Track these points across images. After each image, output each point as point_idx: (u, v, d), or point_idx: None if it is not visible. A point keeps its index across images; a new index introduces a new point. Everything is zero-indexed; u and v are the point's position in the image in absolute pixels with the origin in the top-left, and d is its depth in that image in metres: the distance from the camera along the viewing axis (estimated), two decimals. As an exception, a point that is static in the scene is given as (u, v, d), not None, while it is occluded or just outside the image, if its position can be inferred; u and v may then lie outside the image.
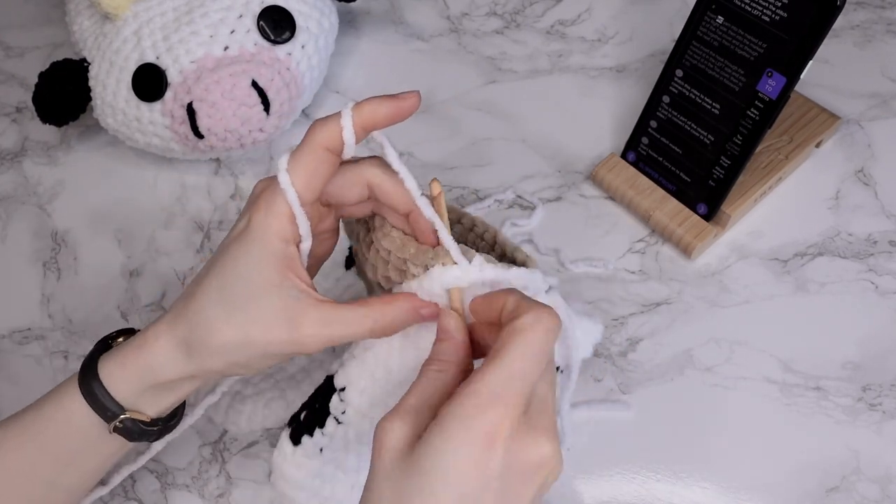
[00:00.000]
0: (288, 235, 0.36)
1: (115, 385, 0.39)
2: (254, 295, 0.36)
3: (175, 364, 0.38)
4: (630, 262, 0.57)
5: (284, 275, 0.36)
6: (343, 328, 0.36)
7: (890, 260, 0.56)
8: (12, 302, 0.60)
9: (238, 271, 0.36)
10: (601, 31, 0.70)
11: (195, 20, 0.59)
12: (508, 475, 0.30)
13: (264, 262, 0.36)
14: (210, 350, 0.37)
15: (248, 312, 0.36)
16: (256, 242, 0.36)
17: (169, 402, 0.40)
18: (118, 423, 0.39)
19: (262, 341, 0.36)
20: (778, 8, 0.48)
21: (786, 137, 0.59)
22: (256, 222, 0.36)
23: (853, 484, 0.48)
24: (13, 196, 0.66)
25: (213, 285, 0.37)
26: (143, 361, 0.38)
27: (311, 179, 0.36)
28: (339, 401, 0.38)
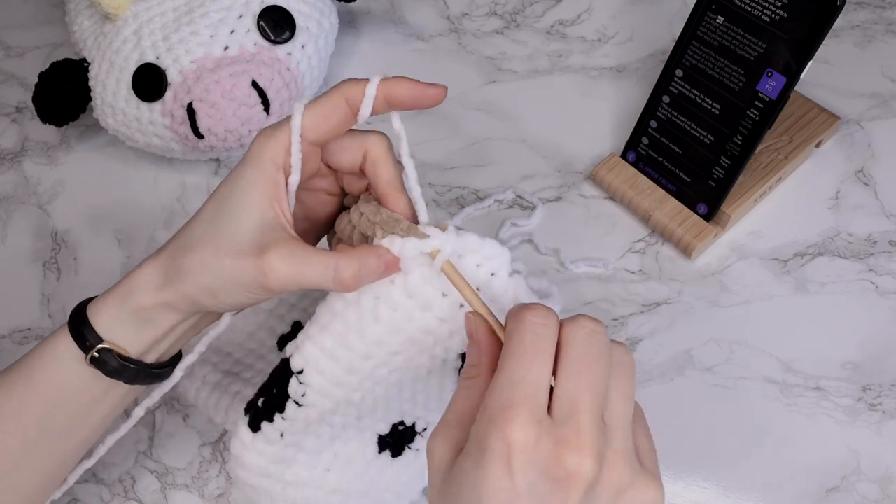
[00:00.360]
0: (280, 162, 0.36)
1: (96, 316, 0.39)
2: (235, 213, 0.36)
3: (152, 288, 0.38)
4: (630, 262, 0.57)
5: (268, 200, 0.36)
6: (307, 267, 0.35)
7: (890, 260, 0.56)
8: (12, 302, 0.60)
9: (230, 193, 0.37)
10: (601, 31, 0.70)
11: (195, 20, 0.59)
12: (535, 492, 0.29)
13: (252, 183, 0.36)
14: (184, 269, 0.37)
15: (225, 229, 0.36)
16: (250, 164, 0.37)
17: (148, 337, 0.39)
18: (95, 352, 0.38)
19: (229, 261, 0.36)
20: (778, 8, 0.48)
21: (786, 137, 0.59)
22: (255, 146, 0.37)
23: (853, 484, 0.48)
24: (13, 196, 0.66)
25: (204, 210, 0.38)
26: (124, 288, 0.38)
27: (319, 121, 0.36)
28: (299, 383, 0.38)
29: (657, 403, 0.51)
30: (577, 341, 0.31)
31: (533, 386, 0.30)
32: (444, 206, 0.61)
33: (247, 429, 0.39)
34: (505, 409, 0.29)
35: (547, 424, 0.29)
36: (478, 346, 0.33)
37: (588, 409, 0.30)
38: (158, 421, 0.53)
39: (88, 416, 0.41)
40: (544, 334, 0.31)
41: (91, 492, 0.51)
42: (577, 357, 0.30)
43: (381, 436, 0.44)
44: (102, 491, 0.51)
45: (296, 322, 0.53)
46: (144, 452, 0.52)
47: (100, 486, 0.51)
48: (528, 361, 0.30)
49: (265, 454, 0.40)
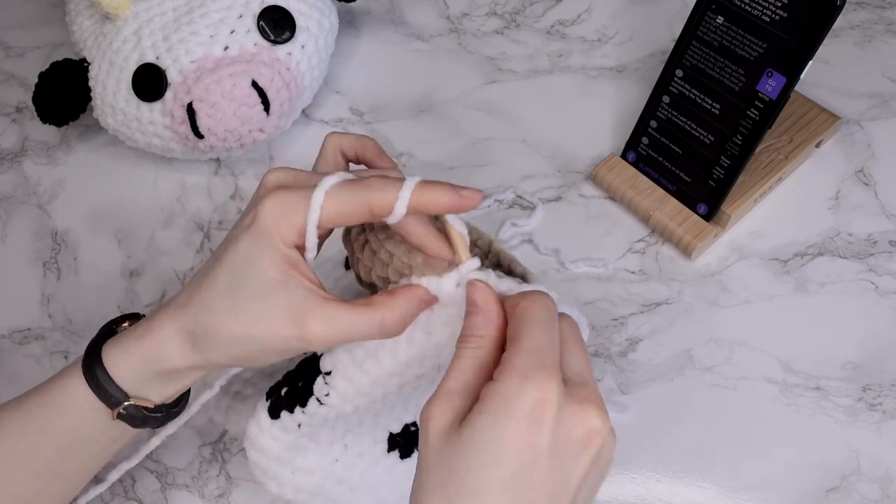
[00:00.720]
0: (292, 242, 0.36)
1: (118, 371, 0.39)
2: (261, 291, 0.35)
3: (181, 354, 0.38)
4: (630, 262, 0.57)
5: (290, 273, 0.35)
6: (350, 327, 0.35)
7: (890, 260, 0.56)
8: (12, 302, 0.60)
9: (246, 266, 0.36)
10: (601, 31, 0.70)
11: (195, 20, 0.59)
12: (557, 451, 0.30)
13: (272, 260, 0.35)
14: (215, 343, 0.37)
15: (254, 309, 0.35)
16: (264, 240, 0.36)
17: (174, 389, 0.40)
18: (122, 409, 0.39)
19: (267, 338, 0.35)
20: (778, 8, 0.48)
21: (786, 137, 0.59)
22: (266, 222, 0.35)
23: (853, 484, 0.48)
24: (13, 196, 0.66)
25: (220, 278, 0.36)
26: (149, 349, 0.38)
27: (335, 218, 0.35)
28: (324, 383, 0.38)
29: (657, 403, 0.52)
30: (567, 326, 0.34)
31: (555, 354, 0.32)
32: (444, 206, 0.61)
33: (266, 414, 0.40)
34: (536, 369, 0.30)
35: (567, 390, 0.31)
36: (486, 317, 0.34)
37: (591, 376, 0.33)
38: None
39: (103, 458, 0.42)
40: (554, 313, 0.33)
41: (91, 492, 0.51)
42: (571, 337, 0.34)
43: (392, 434, 0.44)
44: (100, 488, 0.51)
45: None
46: (140, 450, 0.52)
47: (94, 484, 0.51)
48: (551, 332, 0.32)
49: (280, 440, 0.40)
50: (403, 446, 0.44)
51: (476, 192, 0.35)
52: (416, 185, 0.34)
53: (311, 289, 0.36)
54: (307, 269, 0.36)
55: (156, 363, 0.38)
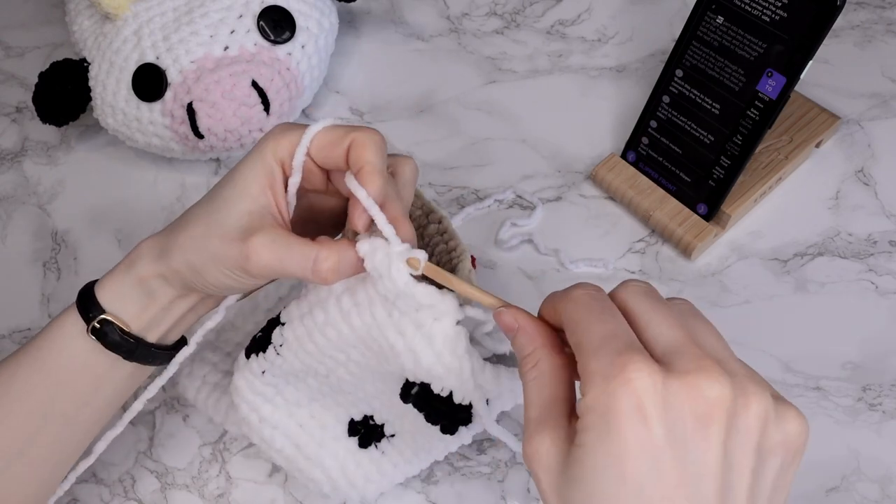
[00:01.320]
0: (280, 157, 0.37)
1: (101, 288, 0.40)
2: (229, 197, 0.37)
3: (149, 259, 0.39)
4: (630, 262, 0.57)
5: (261, 188, 0.37)
6: (288, 255, 0.36)
7: (890, 260, 0.56)
8: (12, 302, 0.60)
9: (229, 178, 0.38)
10: (601, 31, 0.70)
11: (195, 20, 0.59)
12: (676, 441, 0.27)
13: (250, 171, 0.37)
14: (175, 244, 0.38)
15: (217, 211, 0.37)
16: (252, 155, 0.38)
17: (149, 310, 0.40)
18: (96, 323, 0.39)
19: (215, 241, 0.37)
20: (778, 8, 0.48)
21: (786, 137, 0.59)
22: (262, 141, 0.38)
23: (853, 484, 0.48)
24: (13, 196, 0.66)
25: (207, 194, 0.39)
26: (128, 260, 0.40)
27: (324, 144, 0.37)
28: (280, 334, 0.40)
29: (657, 403, 0.52)
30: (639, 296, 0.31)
31: (626, 334, 0.29)
32: (445, 206, 0.61)
33: (243, 353, 0.43)
34: (614, 363, 0.27)
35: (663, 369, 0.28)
36: (526, 334, 0.32)
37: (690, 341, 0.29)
38: (158, 421, 0.53)
39: (91, 397, 0.42)
40: (600, 297, 0.31)
41: (91, 492, 0.51)
42: (650, 307, 0.30)
43: (353, 420, 0.45)
44: (102, 491, 0.51)
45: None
46: (144, 452, 0.52)
47: (100, 486, 0.51)
48: (608, 316, 0.30)
49: (248, 381, 0.43)
50: (363, 435, 0.45)
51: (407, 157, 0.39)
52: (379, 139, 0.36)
53: (273, 212, 0.37)
54: (281, 192, 0.38)
55: (130, 272, 0.39)
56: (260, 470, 0.51)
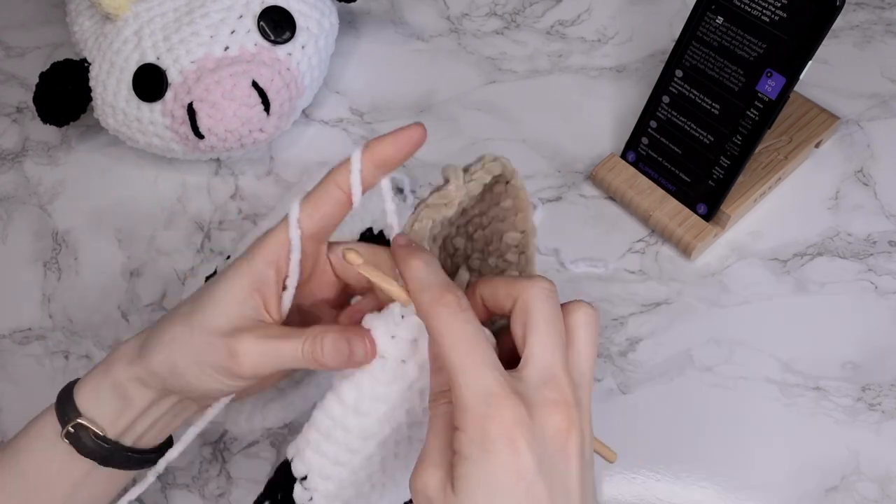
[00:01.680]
0: (271, 258, 0.36)
1: (79, 390, 0.38)
2: (216, 298, 0.36)
3: (126, 361, 0.37)
4: (630, 262, 0.57)
5: (250, 291, 0.36)
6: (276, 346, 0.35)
7: (889, 260, 0.56)
8: (13, 302, 0.60)
9: (216, 282, 0.37)
10: (601, 31, 0.70)
11: (195, 20, 0.59)
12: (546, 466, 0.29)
13: (238, 276, 0.36)
14: (156, 343, 0.36)
15: (201, 312, 0.36)
16: (243, 261, 0.36)
17: (125, 415, 0.38)
18: (70, 427, 0.38)
19: (199, 344, 0.35)
20: (778, 8, 0.48)
21: (785, 137, 0.59)
22: (252, 246, 0.37)
23: (853, 484, 0.48)
24: (14, 196, 0.66)
25: (191, 296, 0.37)
26: (106, 361, 0.38)
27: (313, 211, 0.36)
28: (304, 489, 0.37)
29: (657, 403, 0.52)
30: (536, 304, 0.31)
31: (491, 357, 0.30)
32: (444, 206, 0.61)
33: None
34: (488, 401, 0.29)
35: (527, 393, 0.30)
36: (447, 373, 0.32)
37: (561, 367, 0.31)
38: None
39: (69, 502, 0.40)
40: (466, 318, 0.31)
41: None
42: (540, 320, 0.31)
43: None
44: None
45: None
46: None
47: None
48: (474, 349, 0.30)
49: None
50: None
51: (416, 126, 0.36)
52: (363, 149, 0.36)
53: (261, 314, 0.36)
54: (272, 296, 0.37)
55: (107, 375, 0.38)
56: (260, 470, 0.51)
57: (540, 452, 0.29)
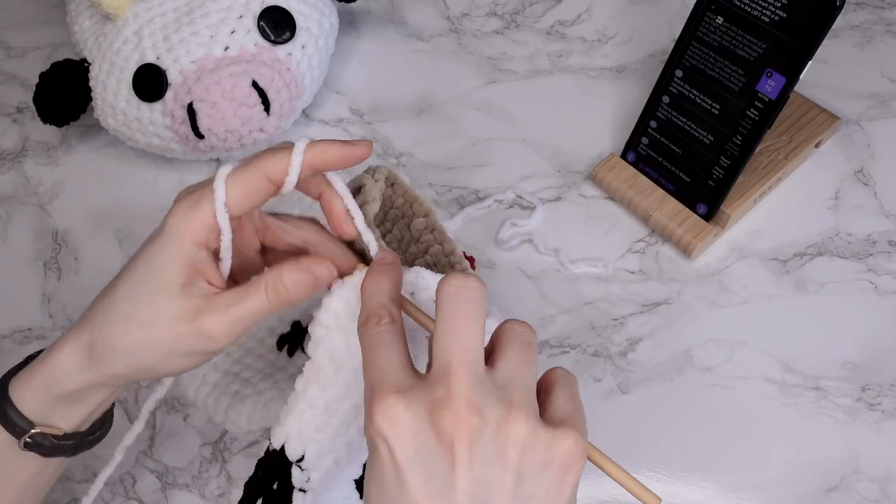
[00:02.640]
0: (199, 239, 0.36)
1: (22, 400, 0.38)
2: (159, 293, 0.35)
3: (77, 371, 0.37)
4: (630, 262, 0.57)
5: (193, 277, 0.36)
6: (242, 304, 0.35)
7: (889, 260, 0.56)
8: (13, 302, 0.60)
9: (149, 271, 0.36)
10: (601, 31, 0.70)
11: (195, 20, 0.59)
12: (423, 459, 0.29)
13: (174, 263, 0.36)
14: (114, 353, 0.36)
15: (151, 311, 0.35)
16: (169, 243, 0.36)
17: (81, 413, 0.38)
18: (28, 438, 0.37)
19: (166, 340, 0.35)
20: (777, 8, 0.48)
21: (785, 137, 0.59)
22: (172, 225, 0.36)
23: (853, 484, 0.48)
24: (14, 196, 0.66)
25: (120, 289, 0.37)
26: (47, 372, 0.37)
27: (241, 198, 0.36)
28: (301, 470, 0.37)
29: (657, 403, 0.52)
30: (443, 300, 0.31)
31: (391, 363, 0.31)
32: (445, 207, 0.61)
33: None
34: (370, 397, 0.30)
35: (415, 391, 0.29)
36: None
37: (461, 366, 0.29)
38: (158, 421, 0.53)
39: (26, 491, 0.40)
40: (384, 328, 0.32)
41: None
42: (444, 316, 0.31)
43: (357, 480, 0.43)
44: (103, 491, 0.51)
45: (295, 322, 0.53)
46: (145, 452, 0.52)
47: (100, 486, 0.51)
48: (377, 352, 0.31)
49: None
50: None
51: (365, 142, 0.36)
52: (307, 144, 0.35)
53: (210, 290, 0.36)
54: (212, 270, 0.36)
55: (55, 385, 0.37)
56: (260, 469, 0.51)
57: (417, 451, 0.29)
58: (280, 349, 0.53)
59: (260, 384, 0.52)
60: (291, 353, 0.52)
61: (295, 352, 0.52)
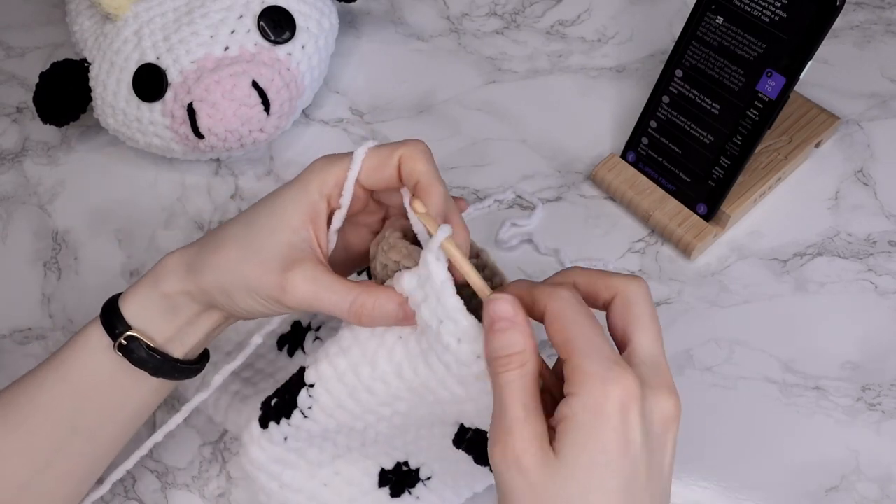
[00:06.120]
0: (326, 191, 0.37)
1: (126, 303, 0.40)
2: (269, 225, 0.37)
3: (176, 276, 0.39)
4: (630, 262, 0.57)
5: (304, 221, 0.37)
6: (326, 293, 0.36)
7: (889, 260, 0.56)
8: (13, 302, 0.60)
9: (268, 206, 0.38)
10: (601, 31, 0.70)
11: (195, 20, 0.59)
12: (649, 446, 0.30)
13: (294, 202, 0.37)
14: (207, 264, 0.37)
15: (255, 238, 0.37)
16: (297, 185, 0.37)
17: (173, 325, 0.40)
18: (123, 340, 0.39)
19: (253, 271, 0.36)
20: (777, 8, 0.48)
21: (785, 137, 0.59)
22: (305, 174, 0.38)
23: (853, 484, 0.48)
24: (14, 196, 0.66)
25: (245, 213, 0.38)
26: (153, 275, 0.40)
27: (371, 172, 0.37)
28: (308, 396, 0.38)
29: (657, 403, 0.52)
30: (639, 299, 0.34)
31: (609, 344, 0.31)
32: (444, 206, 0.61)
33: (257, 423, 0.41)
34: (612, 368, 0.30)
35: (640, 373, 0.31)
36: (522, 331, 0.32)
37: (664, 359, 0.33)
38: (159, 421, 0.53)
39: (117, 411, 0.42)
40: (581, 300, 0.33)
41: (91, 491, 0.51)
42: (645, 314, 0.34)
43: (384, 470, 0.44)
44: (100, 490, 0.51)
45: (295, 322, 0.53)
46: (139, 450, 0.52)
47: (97, 486, 0.51)
48: (595, 321, 0.32)
49: (267, 451, 0.41)
50: (395, 484, 0.44)
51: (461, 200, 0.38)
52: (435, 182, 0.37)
53: (314, 245, 0.37)
54: (323, 227, 0.38)
55: (156, 288, 0.39)
56: (260, 469, 0.51)
57: (646, 431, 0.30)
58: (280, 349, 0.53)
59: (260, 384, 0.52)
60: (291, 353, 0.52)
61: (295, 352, 0.52)
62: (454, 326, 0.33)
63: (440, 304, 0.33)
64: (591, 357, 0.30)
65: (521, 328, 0.32)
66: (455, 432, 0.41)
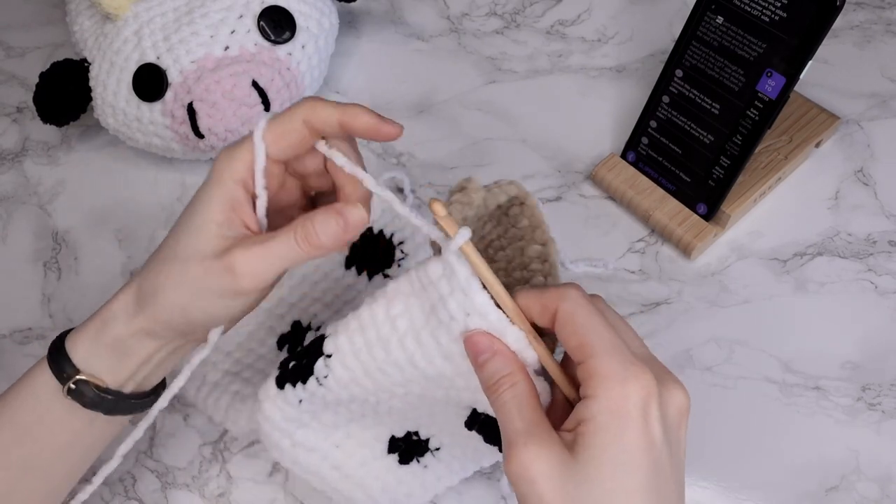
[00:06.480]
0: (239, 178, 0.36)
1: (74, 346, 0.39)
2: (197, 229, 0.36)
3: (125, 315, 0.38)
4: (630, 262, 0.57)
5: (227, 213, 0.36)
6: (270, 248, 0.35)
7: (889, 260, 0.56)
8: (13, 302, 0.60)
9: (191, 211, 0.37)
10: (601, 31, 0.70)
11: (195, 20, 0.59)
12: (668, 438, 0.31)
13: (211, 199, 0.36)
14: (154, 291, 0.37)
15: (187, 246, 0.36)
16: (210, 183, 0.37)
17: (127, 369, 0.39)
18: (72, 384, 0.38)
19: (196, 275, 0.36)
20: (778, 8, 0.48)
21: (785, 137, 0.59)
22: (215, 165, 0.37)
23: (853, 483, 0.48)
24: (14, 196, 0.66)
25: (171, 232, 0.38)
26: (100, 319, 0.38)
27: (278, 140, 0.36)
28: (324, 365, 0.39)
29: (657, 403, 0.52)
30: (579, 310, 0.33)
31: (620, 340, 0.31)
32: (444, 206, 0.61)
33: (273, 382, 0.41)
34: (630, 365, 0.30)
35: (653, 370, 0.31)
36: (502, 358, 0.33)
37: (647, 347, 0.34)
38: (158, 421, 0.53)
39: (70, 450, 0.41)
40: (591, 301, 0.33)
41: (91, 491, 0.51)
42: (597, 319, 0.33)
43: (395, 437, 0.44)
44: (103, 490, 0.51)
45: (295, 322, 0.53)
46: (145, 452, 0.52)
47: (100, 486, 0.51)
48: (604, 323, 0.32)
49: (283, 411, 0.41)
50: (404, 451, 0.45)
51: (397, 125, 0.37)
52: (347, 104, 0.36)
53: (243, 231, 0.37)
54: (249, 212, 0.37)
55: (105, 331, 0.38)
56: (260, 469, 0.51)
57: (665, 423, 0.31)
58: (280, 349, 0.53)
59: (260, 384, 0.52)
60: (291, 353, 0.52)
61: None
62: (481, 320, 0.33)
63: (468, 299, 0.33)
64: (605, 358, 0.30)
65: (502, 353, 0.33)
66: (468, 415, 0.41)
